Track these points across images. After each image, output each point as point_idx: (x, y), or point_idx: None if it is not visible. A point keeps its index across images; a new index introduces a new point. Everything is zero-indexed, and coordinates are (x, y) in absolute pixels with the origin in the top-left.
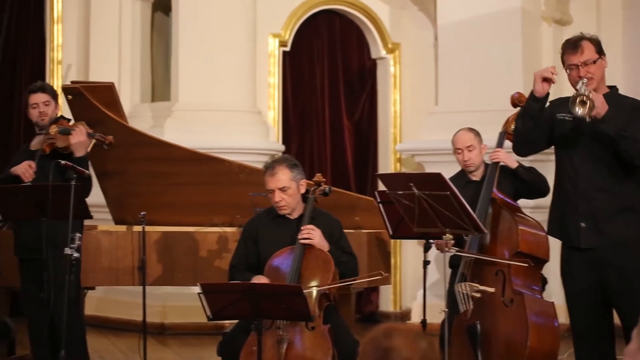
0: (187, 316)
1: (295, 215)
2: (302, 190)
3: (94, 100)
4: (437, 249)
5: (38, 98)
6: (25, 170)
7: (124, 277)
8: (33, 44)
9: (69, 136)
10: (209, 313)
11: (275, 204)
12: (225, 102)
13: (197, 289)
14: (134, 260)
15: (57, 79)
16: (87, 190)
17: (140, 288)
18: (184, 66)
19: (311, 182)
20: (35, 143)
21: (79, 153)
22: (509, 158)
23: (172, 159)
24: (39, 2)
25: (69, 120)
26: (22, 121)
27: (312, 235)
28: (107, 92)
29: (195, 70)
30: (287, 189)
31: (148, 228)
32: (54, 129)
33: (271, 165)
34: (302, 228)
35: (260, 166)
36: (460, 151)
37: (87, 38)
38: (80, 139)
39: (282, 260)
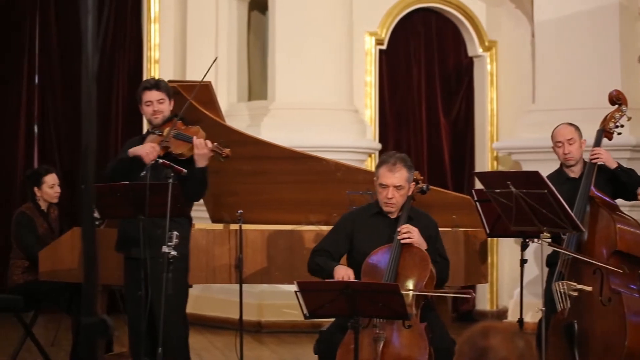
0: (283, 314)
1: (394, 215)
2: (410, 193)
3: (191, 100)
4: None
5: (152, 95)
6: (149, 152)
7: (221, 275)
8: (130, 44)
9: (184, 143)
10: (305, 311)
11: (385, 199)
12: (322, 100)
13: (293, 287)
14: (231, 259)
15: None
16: (199, 194)
17: (237, 286)
18: (280, 65)
19: (414, 186)
20: (149, 142)
21: (201, 164)
22: (609, 158)
23: (269, 157)
24: (136, 2)
25: (183, 119)
26: (119, 120)
27: (412, 235)
28: (204, 91)
29: (292, 69)
30: (402, 188)
31: (245, 226)
32: (168, 132)
33: (391, 161)
34: (399, 228)
35: (357, 165)
36: (560, 144)
37: (184, 37)
38: (203, 152)
39: (380, 258)
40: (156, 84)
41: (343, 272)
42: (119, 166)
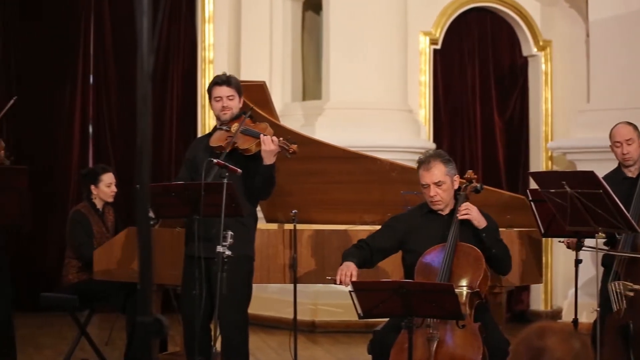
0: (337, 314)
1: (446, 212)
2: (456, 186)
3: (246, 99)
4: (568, 248)
5: (222, 91)
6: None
7: (275, 275)
8: (185, 44)
9: (251, 138)
10: (359, 311)
11: (429, 198)
12: (377, 100)
13: (348, 287)
14: (285, 258)
15: (208, 79)
16: (267, 191)
17: (291, 286)
18: (334, 65)
19: (463, 180)
20: (215, 138)
21: (269, 161)
22: None
23: (323, 157)
24: (190, 2)
25: (252, 117)
26: (174, 120)
27: (470, 211)
28: (258, 91)
29: (346, 69)
30: (442, 183)
31: (299, 226)
32: (236, 128)
33: (426, 160)
34: (461, 205)
35: (411, 165)
36: (619, 144)
37: (238, 37)
38: (271, 148)
39: (433, 258)
40: (227, 80)
41: (344, 269)
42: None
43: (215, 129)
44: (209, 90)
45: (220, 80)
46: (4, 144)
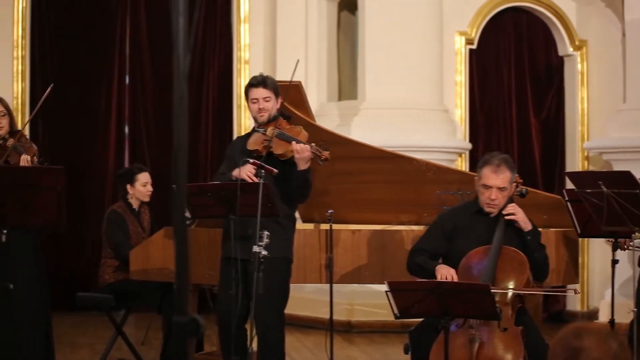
0: (373, 314)
1: (493, 214)
2: (511, 194)
3: (281, 99)
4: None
5: (258, 93)
6: (248, 173)
7: (312, 275)
8: (220, 44)
9: (286, 143)
10: (396, 311)
11: (487, 200)
12: (412, 100)
13: (384, 287)
14: (321, 258)
15: (244, 79)
16: (302, 196)
17: (327, 286)
18: (370, 65)
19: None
20: (252, 141)
21: (302, 166)
22: None
23: (359, 157)
24: (226, 2)
25: (289, 117)
26: (210, 120)
27: (517, 211)
28: (294, 91)
29: (382, 69)
30: (505, 190)
31: (335, 226)
32: (271, 131)
33: (496, 163)
34: (507, 206)
35: (447, 164)
36: None
37: (274, 37)
38: (302, 156)
39: (477, 260)
40: (263, 81)
41: (445, 272)
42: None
43: (253, 130)
44: (246, 92)
45: (256, 82)
46: (36, 148)
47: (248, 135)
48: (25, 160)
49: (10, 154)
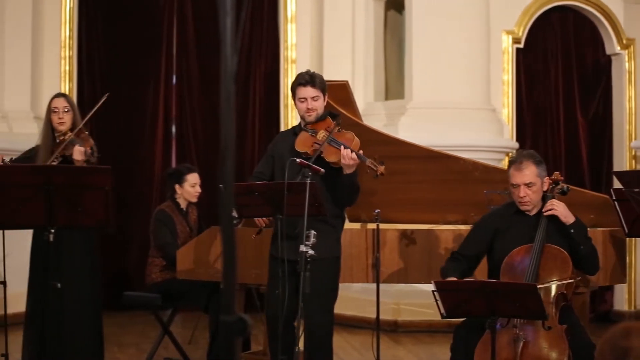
0: (420, 314)
1: (533, 212)
2: (545, 188)
3: (328, 99)
4: None
5: (306, 92)
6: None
7: (358, 275)
8: (267, 44)
9: (336, 150)
10: (442, 311)
11: (518, 199)
12: (459, 99)
13: (430, 287)
14: (368, 258)
15: (290, 78)
16: (350, 199)
17: (373, 285)
18: (417, 64)
19: (549, 180)
20: (301, 142)
21: (348, 170)
22: None
23: (406, 156)
24: (273, 2)
25: (336, 116)
26: (256, 119)
27: (556, 205)
28: (341, 91)
29: (429, 68)
30: (533, 185)
31: (382, 225)
32: (323, 136)
33: (518, 160)
34: (547, 203)
35: (494, 164)
36: None
37: (321, 37)
38: (348, 164)
39: (520, 259)
40: (311, 80)
41: None
42: None
43: (300, 128)
44: (293, 90)
45: (304, 81)
46: (92, 143)
47: (292, 131)
48: (79, 151)
49: (67, 147)
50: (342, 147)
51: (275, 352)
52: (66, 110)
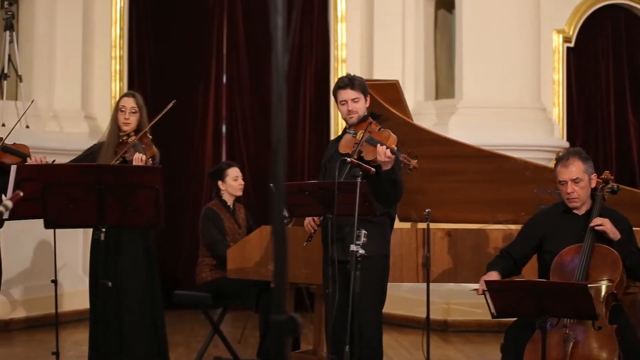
0: (470, 313)
1: (582, 211)
2: (593, 185)
3: (379, 98)
4: None
5: (347, 94)
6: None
7: (408, 274)
8: (317, 43)
9: (374, 148)
10: (493, 310)
11: (566, 195)
12: (509, 99)
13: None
14: (418, 257)
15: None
16: (392, 197)
17: (423, 285)
18: (467, 63)
19: (599, 180)
20: (343, 144)
21: (386, 167)
22: None
23: (457, 156)
24: (323, 1)
25: (378, 117)
26: (307, 119)
27: (604, 223)
28: (392, 90)
29: (479, 68)
30: (580, 181)
31: (432, 225)
32: (361, 135)
33: (564, 157)
34: (594, 219)
35: (545, 163)
36: None
37: (371, 36)
38: (384, 160)
39: (570, 258)
40: (350, 82)
41: (482, 282)
42: None
43: (344, 132)
44: (334, 94)
45: (344, 84)
46: (156, 151)
47: (339, 138)
48: (138, 159)
49: (128, 151)
50: (378, 144)
51: (330, 352)
52: (133, 111)
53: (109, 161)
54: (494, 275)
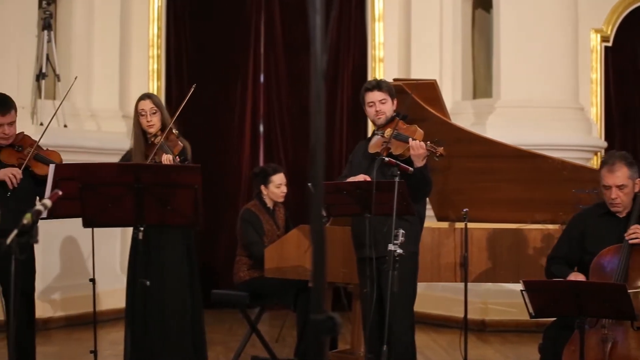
0: (507, 313)
1: (623, 214)
2: (637, 189)
3: (416, 98)
4: None
5: (374, 96)
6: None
7: (446, 274)
8: (355, 42)
9: (403, 143)
10: (531, 310)
11: (610, 200)
12: (548, 98)
13: (519, 286)
14: (456, 257)
15: (378, 77)
16: (422, 193)
17: (461, 284)
18: (505, 63)
19: None
20: (373, 145)
21: (418, 164)
22: None
23: (494, 155)
24: (360, 1)
25: (405, 117)
26: (344, 118)
27: (637, 229)
28: (429, 90)
29: (517, 67)
30: (624, 187)
31: (470, 225)
32: (389, 133)
33: (610, 161)
34: (630, 228)
35: (582, 163)
36: None
37: (408, 36)
38: (418, 153)
39: (609, 259)
40: (377, 85)
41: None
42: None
43: (373, 133)
44: (362, 97)
45: (371, 86)
46: (181, 146)
47: (368, 140)
48: (167, 159)
49: (157, 152)
50: (410, 139)
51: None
52: (153, 112)
53: None
54: (581, 276)
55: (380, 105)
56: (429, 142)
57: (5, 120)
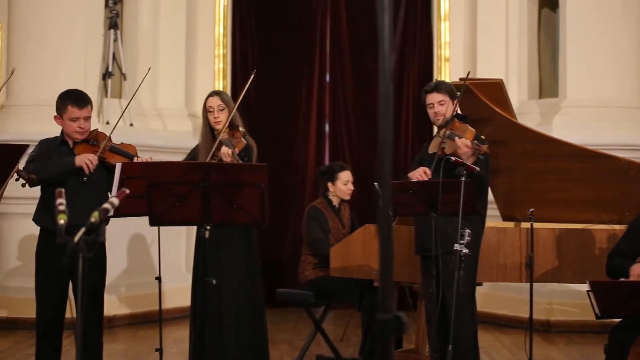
0: (573, 314)
1: None
2: None
3: (482, 97)
4: None
5: (433, 98)
6: (419, 176)
7: (511, 274)
8: (421, 42)
9: (453, 142)
10: (597, 311)
11: None
12: (614, 97)
13: (584, 287)
14: (521, 257)
15: (444, 76)
16: (482, 190)
17: (526, 285)
18: (571, 62)
19: None
20: (432, 145)
21: (467, 160)
22: None
23: (561, 155)
24: (426, 1)
25: (464, 118)
26: (410, 117)
27: None
28: (495, 89)
29: (583, 66)
30: None
31: (536, 224)
32: (444, 133)
33: None
34: None
35: None
36: None
37: (474, 35)
38: (463, 151)
39: None
40: (436, 86)
41: (638, 271)
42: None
43: (435, 135)
44: (423, 100)
45: (430, 88)
46: (244, 143)
47: (428, 143)
48: (226, 153)
49: (218, 147)
50: (456, 137)
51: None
52: (221, 108)
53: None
54: (638, 266)
55: (438, 107)
56: (475, 141)
57: (83, 114)
